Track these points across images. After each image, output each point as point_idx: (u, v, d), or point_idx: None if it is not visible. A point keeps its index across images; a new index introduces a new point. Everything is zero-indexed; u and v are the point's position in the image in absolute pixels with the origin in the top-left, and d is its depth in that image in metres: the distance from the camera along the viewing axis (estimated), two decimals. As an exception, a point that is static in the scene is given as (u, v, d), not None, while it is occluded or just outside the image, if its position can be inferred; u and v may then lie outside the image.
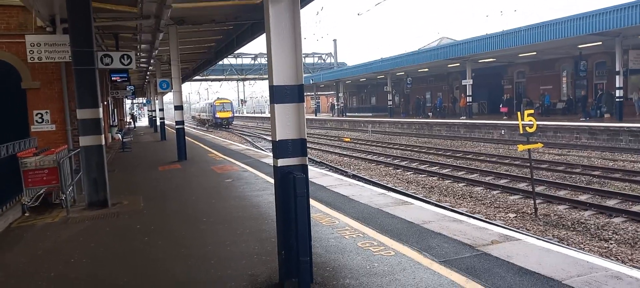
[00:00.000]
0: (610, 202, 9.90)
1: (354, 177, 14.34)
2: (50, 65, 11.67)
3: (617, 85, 22.32)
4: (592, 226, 8.46)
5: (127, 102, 56.49)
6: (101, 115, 8.35)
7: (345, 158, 19.73)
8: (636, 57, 23.13)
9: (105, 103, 22.94)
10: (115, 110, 33.40)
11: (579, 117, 25.07)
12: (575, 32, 20.51)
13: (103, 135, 8.41)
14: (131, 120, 50.74)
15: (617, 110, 22.56)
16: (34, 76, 11.80)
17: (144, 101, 54.58)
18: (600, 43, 23.18)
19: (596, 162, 15.07)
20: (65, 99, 11.93)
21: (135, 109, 69.30)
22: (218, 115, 48.53)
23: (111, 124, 27.58)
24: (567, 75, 30.35)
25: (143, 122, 64.33)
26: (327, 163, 18.37)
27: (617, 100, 22.65)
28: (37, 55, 10.22)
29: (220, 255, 5.25)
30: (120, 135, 23.63)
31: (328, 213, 7.03)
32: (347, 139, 28.42)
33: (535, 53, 28.05)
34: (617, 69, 22.04)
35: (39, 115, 11.87)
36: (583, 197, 10.45)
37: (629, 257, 6.96)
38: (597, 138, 19.78)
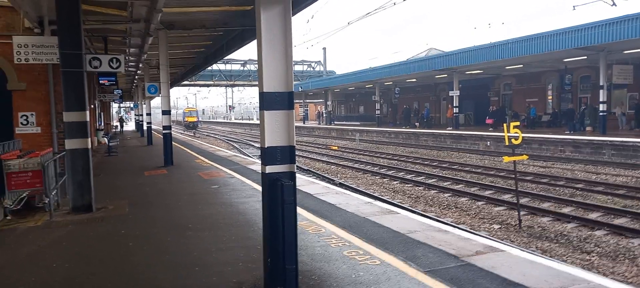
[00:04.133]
0: (593, 215, 10.04)
1: (341, 185, 14.37)
2: (37, 67, 11.54)
3: (601, 99, 22.66)
4: (575, 238, 8.57)
5: (114, 106, 56.05)
6: (88, 119, 8.28)
7: (332, 167, 19.75)
8: (620, 72, 23.52)
9: (92, 106, 22.73)
10: (102, 113, 33.12)
11: (564, 130, 25.40)
12: (561, 46, 20.81)
13: (89, 139, 8.33)
14: (119, 124, 50.31)
15: (600, 124, 22.90)
16: (20, 77, 11.67)
17: (132, 105, 54.21)
18: (585, 57, 23.54)
19: (580, 175, 15.27)
20: (51, 101, 11.80)
21: (122, 113, 68.84)
22: (186, 119, 64.10)
23: (98, 127, 27.33)
24: (552, 89, 30.75)
25: (130, 126, 63.83)
26: (314, 171, 18.38)
27: (600, 114, 22.99)
28: (24, 57, 10.11)
29: (205, 262, 5.23)
30: (106, 139, 23.41)
31: (315, 221, 7.04)
32: (334, 147, 28.45)
33: (521, 66, 28.39)
34: (601, 83, 22.39)
35: (24, 117, 11.72)
36: (566, 210, 10.58)
37: (611, 270, 7.05)
38: (581, 151, 20.04)
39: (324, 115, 52.70)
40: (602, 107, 22.81)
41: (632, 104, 25.57)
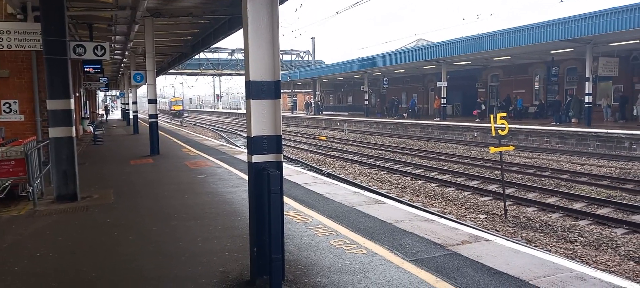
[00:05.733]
0: (577, 205, 10.17)
1: (328, 175, 14.38)
2: (20, 54, 11.35)
3: (587, 91, 22.90)
4: (559, 228, 8.67)
5: (100, 94, 55.44)
6: (72, 107, 8.17)
7: (320, 157, 19.76)
8: (605, 64, 23.74)
9: (77, 94, 22.45)
10: (88, 102, 32.73)
11: (550, 121, 25.64)
12: (548, 38, 20.95)
13: (74, 127, 8.23)
14: (104, 112, 49.83)
15: (585, 115, 23.14)
16: (3, 64, 11.45)
17: (118, 93, 53.68)
18: (572, 49, 23.75)
19: (565, 166, 15.44)
20: (35, 89, 11.62)
21: (108, 101, 68.26)
22: (173, 108, 72.36)
23: (83, 116, 27.01)
24: (539, 80, 30.98)
25: (116, 114, 63.26)
26: (302, 161, 18.37)
27: (586, 106, 23.24)
28: (6, 43, 9.90)
29: (192, 251, 5.21)
30: (92, 128, 23.15)
31: (302, 210, 7.04)
32: (322, 138, 28.45)
33: (509, 57, 28.54)
34: (587, 76, 22.61)
35: (7, 105, 11.53)
36: (551, 200, 10.70)
37: (593, 259, 7.15)
38: (566, 142, 20.27)
39: (313, 105, 52.59)
40: (587, 99, 23.05)
41: (617, 96, 25.87)
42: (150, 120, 15.26)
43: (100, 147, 18.09)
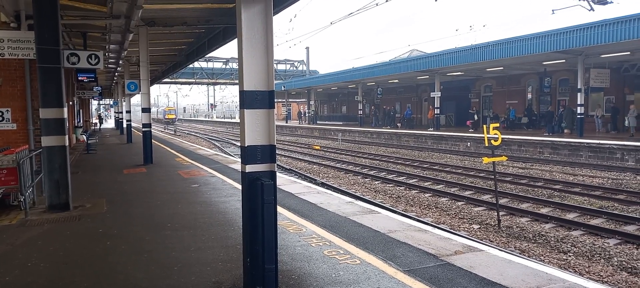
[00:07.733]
0: (570, 216, 10.21)
1: (322, 185, 14.37)
2: (13, 62, 11.30)
3: (579, 102, 23.08)
4: (552, 238, 8.70)
5: (94, 103, 55.23)
6: (66, 116, 8.13)
7: (314, 166, 19.74)
8: (597, 75, 23.96)
9: (71, 103, 22.35)
10: (81, 110, 32.59)
11: (542, 132, 25.79)
12: (540, 49, 21.14)
13: (67, 136, 8.19)
14: (97, 121, 49.61)
15: (578, 126, 23.31)
16: (-5, 73, 11.41)
17: (111, 102, 53.52)
18: (564, 61, 23.95)
19: (557, 176, 15.51)
20: (28, 98, 11.56)
21: (102, 110, 67.98)
22: (167, 116, 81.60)
23: (76, 124, 26.88)
24: (532, 91, 31.20)
25: (109, 124, 63.00)
26: (296, 170, 18.35)
27: (578, 116, 23.41)
28: (-1, 51, 9.88)
29: (184, 262, 5.18)
30: (85, 137, 23.04)
31: (295, 220, 7.02)
32: (317, 147, 28.45)
33: (502, 68, 28.74)
34: (579, 87, 22.80)
35: (0, 114, 11.47)
36: (544, 210, 10.74)
37: (586, 269, 7.18)
38: (559, 153, 20.38)
39: (307, 114, 52.56)
40: (579, 110, 23.22)
41: (609, 107, 26.08)
42: (143, 129, 15.20)
43: (93, 156, 18.00)
